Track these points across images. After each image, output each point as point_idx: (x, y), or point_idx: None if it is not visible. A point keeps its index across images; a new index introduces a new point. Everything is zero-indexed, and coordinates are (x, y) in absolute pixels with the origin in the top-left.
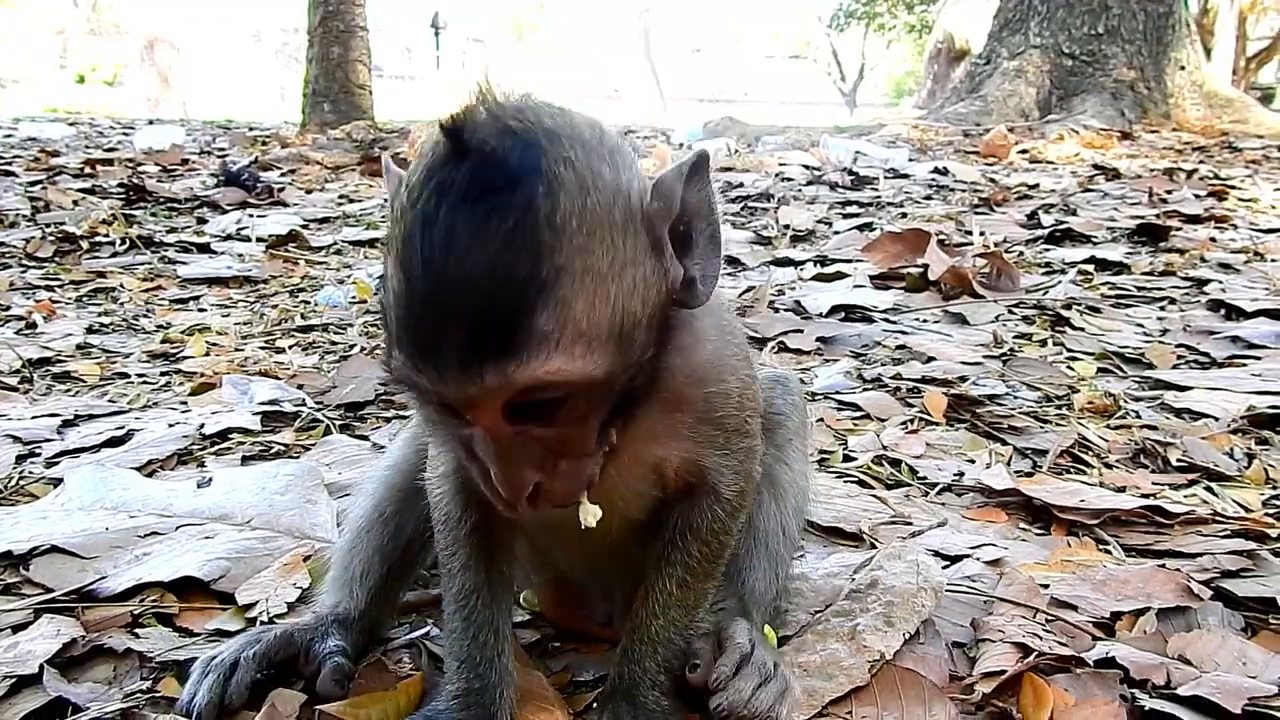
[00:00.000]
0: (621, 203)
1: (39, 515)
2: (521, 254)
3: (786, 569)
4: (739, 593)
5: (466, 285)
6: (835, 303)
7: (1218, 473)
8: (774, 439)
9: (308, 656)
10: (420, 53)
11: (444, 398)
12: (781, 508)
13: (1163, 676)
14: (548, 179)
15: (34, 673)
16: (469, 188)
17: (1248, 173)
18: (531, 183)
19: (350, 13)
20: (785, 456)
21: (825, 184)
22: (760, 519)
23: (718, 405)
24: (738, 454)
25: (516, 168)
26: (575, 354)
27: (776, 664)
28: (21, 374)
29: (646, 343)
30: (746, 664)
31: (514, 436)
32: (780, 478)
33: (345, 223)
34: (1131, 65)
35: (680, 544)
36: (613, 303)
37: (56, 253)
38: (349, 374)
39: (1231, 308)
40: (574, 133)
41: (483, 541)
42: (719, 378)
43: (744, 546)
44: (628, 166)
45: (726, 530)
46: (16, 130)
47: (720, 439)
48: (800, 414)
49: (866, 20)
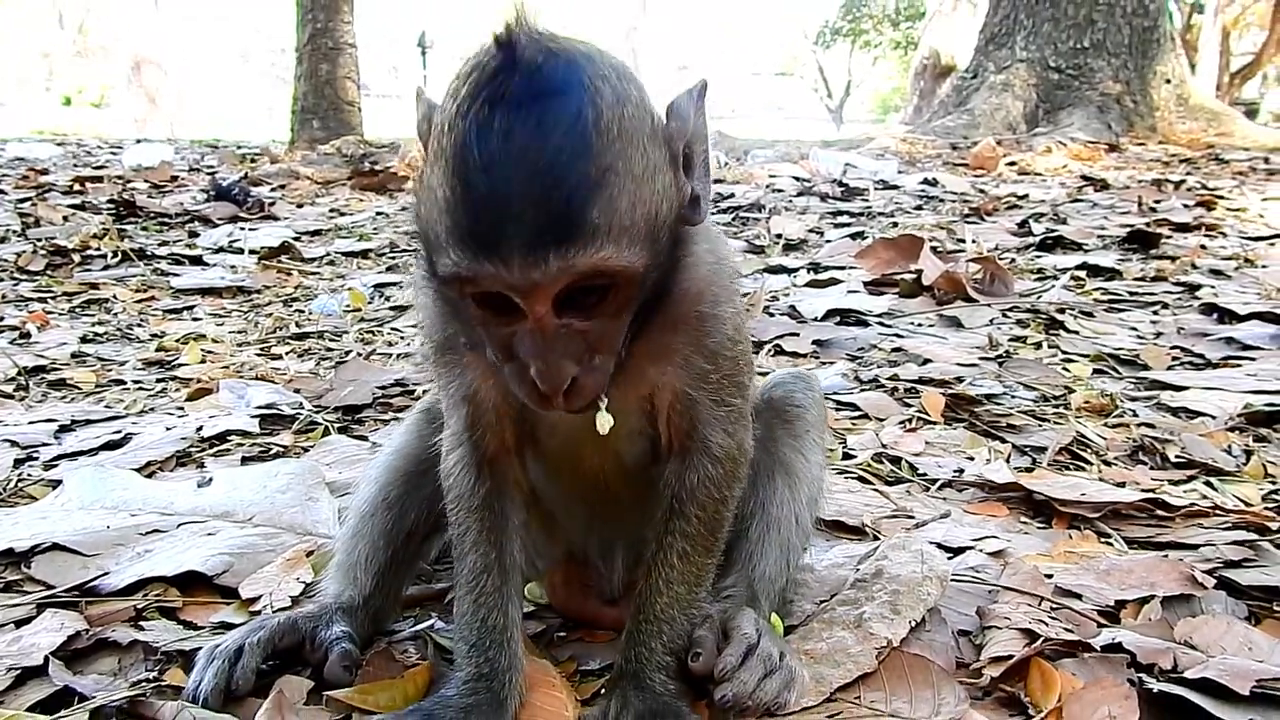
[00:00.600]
0: (648, 118)
1: (39, 515)
2: (575, 155)
3: (798, 558)
4: (749, 577)
5: (528, 182)
6: (830, 307)
7: (1216, 468)
8: (793, 429)
9: (313, 644)
10: (407, 72)
11: (508, 284)
12: (796, 496)
13: (1170, 660)
14: (590, 91)
15: (39, 664)
16: (524, 96)
17: (1235, 183)
18: (578, 93)
19: (339, 30)
20: (802, 447)
21: (816, 195)
22: (774, 505)
23: (710, 329)
24: (728, 409)
25: (563, 80)
26: (622, 244)
27: (783, 654)
28: (17, 382)
29: (666, 248)
30: (752, 655)
31: (558, 329)
32: (796, 466)
33: (337, 235)
34: (1117, 79)
35: (677, 509)
36: (647, 204)
37: (48, 266)
38: (346, 377)
39: (1224, 311)
40: (604, 58)
41: (494, 518)
42: (713, 299)
43: (757, 532)
44: (646, 92)
45: (722, 498)
46: (4, 151)
47: (712, 379)
48: (819, 409)
49: (852, 37)
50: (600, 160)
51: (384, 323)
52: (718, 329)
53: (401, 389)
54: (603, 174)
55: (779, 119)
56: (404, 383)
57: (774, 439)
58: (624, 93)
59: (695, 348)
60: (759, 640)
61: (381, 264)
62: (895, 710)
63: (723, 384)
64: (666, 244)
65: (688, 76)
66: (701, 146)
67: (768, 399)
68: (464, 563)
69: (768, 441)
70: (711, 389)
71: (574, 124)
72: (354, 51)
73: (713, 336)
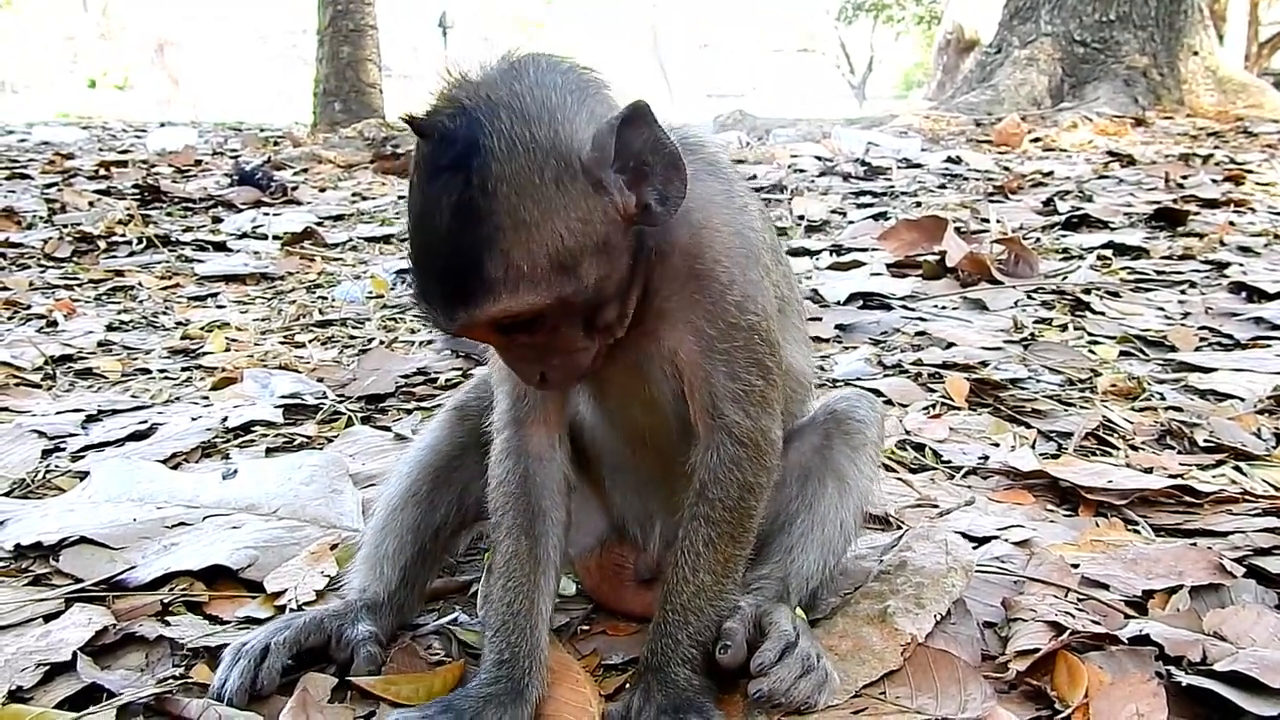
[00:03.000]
0: (554, 159)
1: (67, 508)
2: (468, 220)
3: (836, 560)
4: (785, 571)
5: (436, 248)
6: (852, 291)
7: (1246, 452)
8: (851, 441)
9: (339, 642)
10: (428, 52)
11: (440, 329)
12: (844, 503)
13: (1199, 653)
14: (483, 152)
15: (67, 660)
16: (428, 167)
17: (1264, 157)
18: (469, 158)
19: (360, 12)
20: (858, 459)
21: (838, 175)
22: (822, 506)
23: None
24: (747, 388)
25: (460, 146)
26: (520, 292)
27: (820, 655)
28: (44, 371)
29: (604, 263)
30: (790, 653)
31: (507, 342)
32: (849, 475)
33: (360, 219)
34: (1144, 51)
35: (701, 492)
36: (547, 246)
37: (74, 253)
38: (369, 367)
39: (1253, 290)
40: (515, 101)
41: (532, 507)
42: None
43: (800, 528)
44: (568, 120)
45: (745, 484)
46: (30, 135)
47: (722, 348)
48: (879, 429)
49: (875, 12)
50: (490, 221)
51: (406, 309)
52: (713, 288)
53: (424, 378)
54: (493, 232)
55: (801, 97)
56: (426, 371)
57: (831, 447)
58: (523, 142)
59: (696, 309)
60: (798, 639)
61: (403, 250)
62: (921, 706)
63: (736, 357)
64: (603, 259)
65: (709, 55)
66: (655, 157)
67: (831, 411)
68: (499, 549)
69: (824, 449)
70: (724, 360)
71: (464, 191)
72: (375, 33)
73: (710, 296)
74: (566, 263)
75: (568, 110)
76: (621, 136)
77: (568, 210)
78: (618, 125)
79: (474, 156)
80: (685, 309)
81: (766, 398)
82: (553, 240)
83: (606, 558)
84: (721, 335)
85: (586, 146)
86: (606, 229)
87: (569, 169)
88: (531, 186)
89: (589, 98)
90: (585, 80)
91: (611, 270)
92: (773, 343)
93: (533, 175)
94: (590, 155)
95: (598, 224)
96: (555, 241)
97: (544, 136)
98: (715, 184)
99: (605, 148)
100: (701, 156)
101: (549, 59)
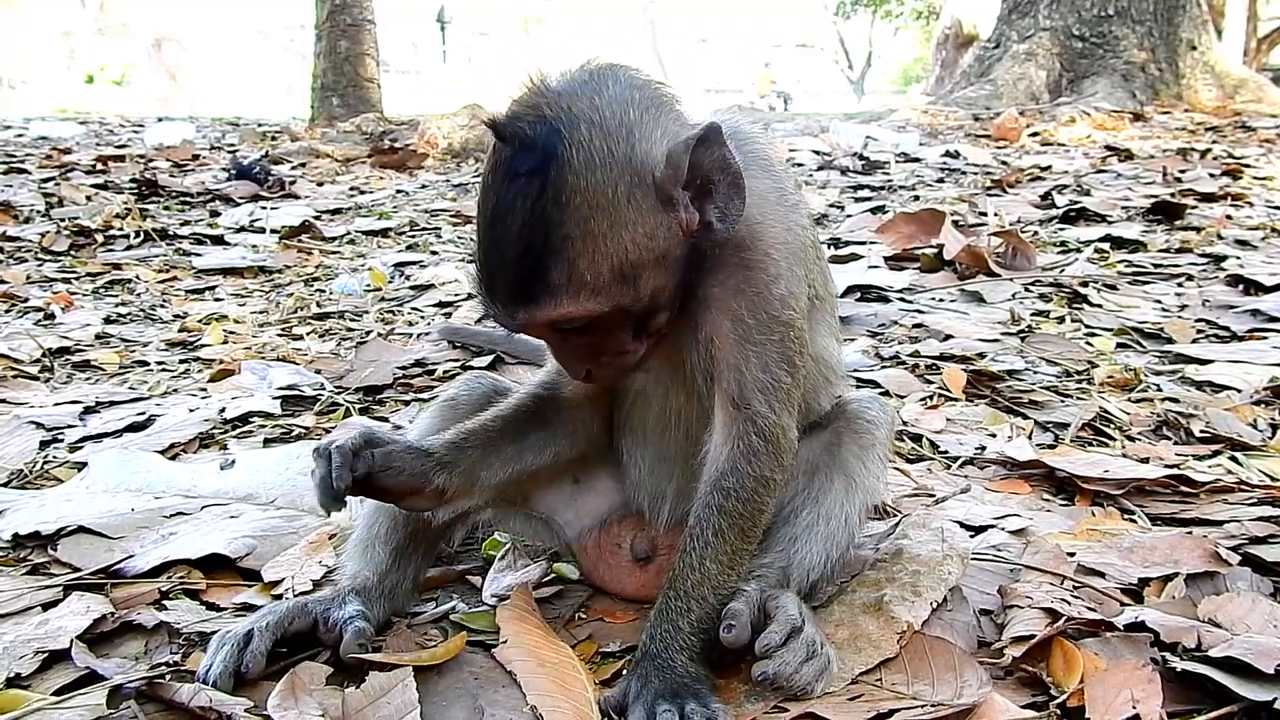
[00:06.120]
0: (629, 175)
1: (65, 498)
2: (539, 226)
3: (839, 554)
4: (787, 559)
5: (505, 248)
6: (851, 283)
7: (1242, 443)
8: (860, 440)
9: (326, 624)
10: (426, 47)
11: (501, 324)
12: (850, 499)
13: (1194, 639)
14: (560, 162)
15: (64, 648)
16: (505, 171)
17: (1262, 152)
18: (546, 168)
19: (358, 6)
20: (867, 458)
21: (836, 169)
22: (828, 500)
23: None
24: (775, 382)
25: (538, 154)
26: (581, 298)
27: (823, 642)
28: (42, 363)
29: (661, 274)
30: (796, 637)
31: (561, 339)
32: (857, 472)
33: (358, 213)
34: (1142, 46)
35: (717, 481)
36: (612, 258)
37: (72, 246)
38: (367, 358)
39: (1250, 283)
40: (595, 115)
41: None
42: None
43: (806, 520)
44: (645, 137)
45: (761, 478)
46: (28, 130)
47: (757, 339)
48: (889, 430)
49: (873, 7)
50: (561, 230)
51: (404, 302)
52: (760, 279)
53: (422, 369)
54: (563, 241)
55: (800, 91)
56: (424, 363)
57: (840, 444)
58: (600, 156)
59: (740, 298)
60: (803, 624)
61: (401, 243)
62: (917, 693)
63: (770, 350)
64: (661, 271)
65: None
66: (721, 176)
67: (842, 409)
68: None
69: (834, 447)
70: (758, 352)
71: (539, 199)
72: (373, 28)
73: (755, 286)
74: (628, 274)
75: (645, 127)
76: (694, 156)
77: (636, 225)
78: (693, 145)
79: (551, 166)
80: (729, 297)
81: (790, 395)
82: (618, 253)
83: (604, 538)
84: (760, 326)
85: (660, 164)
86: (668, 243)
87: (641, 185)
88: (605, 200)
89: (663, 114)
90: (661, 96)
91: (667, 281)
92: (804, 341)
93: (606, 190)
94: (664, 173)
95: (661, 239)
96: (620, 254)
97: (621, 153)
98: (768, 181)
99: (679, 167)
100: (754, 153)
101: (627, 72)
